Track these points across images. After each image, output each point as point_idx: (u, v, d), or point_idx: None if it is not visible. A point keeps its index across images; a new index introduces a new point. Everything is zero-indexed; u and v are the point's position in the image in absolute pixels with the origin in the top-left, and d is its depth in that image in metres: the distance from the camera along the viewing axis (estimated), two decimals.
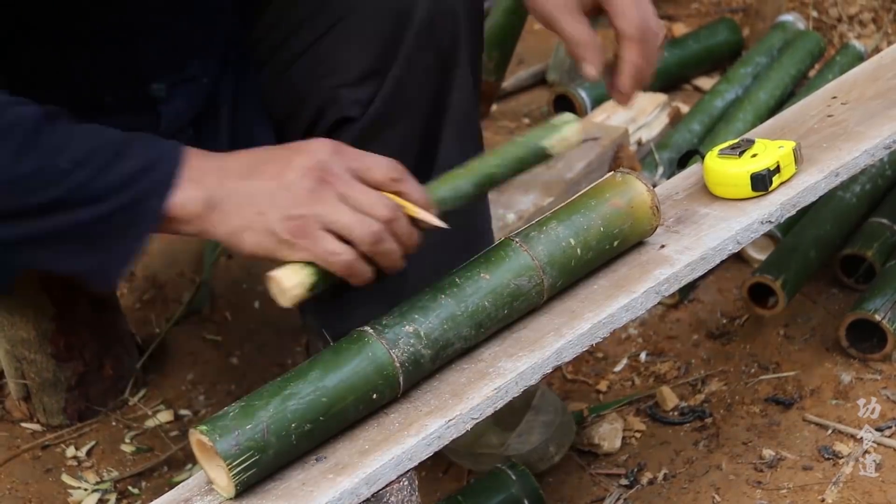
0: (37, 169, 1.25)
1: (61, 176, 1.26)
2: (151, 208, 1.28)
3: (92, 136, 1.29)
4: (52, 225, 1.28)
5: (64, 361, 1.97)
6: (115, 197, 1.27)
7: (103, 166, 1.27)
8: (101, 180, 1.27)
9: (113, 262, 1.32)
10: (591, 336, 1.42)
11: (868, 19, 2.95)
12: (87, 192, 1.27)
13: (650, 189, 1.47)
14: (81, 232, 1.29)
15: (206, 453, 1.25)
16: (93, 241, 1.30)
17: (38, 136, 1.26)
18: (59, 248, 1.31)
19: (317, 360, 1.31)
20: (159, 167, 1.29)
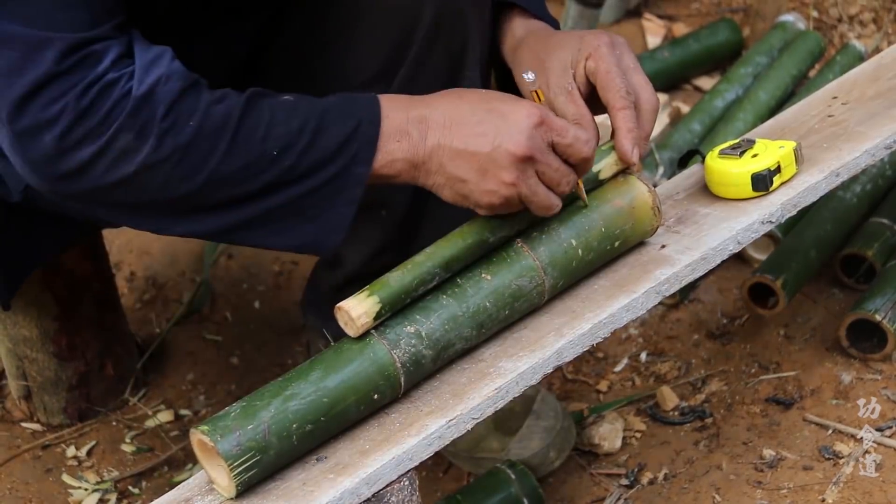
0: (248, 160, 1.34)
1: (270, 163, 1.34)
2: (359, 173, 1.37)
3: (292, 114, 1.36)
4: (266, 206, 1.37)
5: (66, 361, 1.97)
6: (323, 171, 1.36)
7: (308, 145, 1.35)
8: (308, 159, 1.35)
9: (329, 229, 1.39)
10: (591, 336, 1.42)
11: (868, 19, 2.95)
12: (296, 172, 1.35)
13: (651, 189, 1.48)
14: (295, 207, 1.37)
15: (206, 453, 1.25)
16: (306, 215, 1.38)
17: (244, 128, 1.34)
18: (274, 227, 1.39)
19: (318, 360, 1.31)
20: (360, 134, 1.36)
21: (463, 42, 1.59)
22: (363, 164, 1.37)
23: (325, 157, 1.35)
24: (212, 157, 1.33)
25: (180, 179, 1.33)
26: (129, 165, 1.31)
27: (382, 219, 1.70)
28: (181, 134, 1.31)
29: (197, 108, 1.33)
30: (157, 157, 1.31)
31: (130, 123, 1.30)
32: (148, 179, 1.32)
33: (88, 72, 1.29)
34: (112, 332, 2.02)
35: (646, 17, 3.09)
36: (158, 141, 1.30)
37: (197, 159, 1.33)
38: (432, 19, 1.53)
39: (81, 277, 1.93)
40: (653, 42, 3.01)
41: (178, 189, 1.34)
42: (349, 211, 1.38)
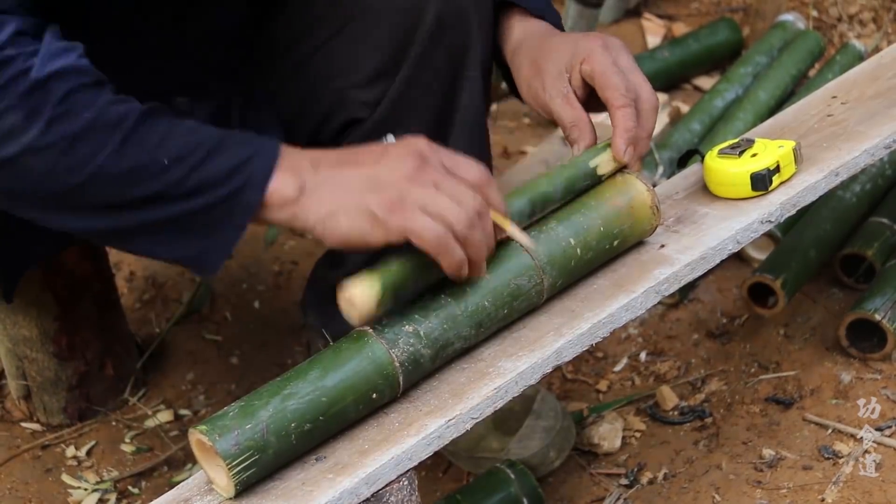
0: (138, 164, 1.30)
1: (161, 171, 1.31)
2: (248, 201, 1.32)
3: (190, 133, 1.33)
4: (152, 216, 1.33)
5: (65, 361, 1.97)
6: (212, 191, 1.32)
7: (201, 162, 1.31)
8: (199, 175, 1.31)
9: (212, 251, 1.36)
10: (590, 336, 1.42)
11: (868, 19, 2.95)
12: (185, 187, 1.31)
13: (650, 189, 1.47)
14: (180, 223, 1.34)
15: (205, 453, 1.25)
16: (192, 232, 1.34)
17: (140, 132, 1.31)
18: (159, 238, 1.36)
19: (317, 359, 1.31)
20: (255, 162, 1.32)
21: (464, 42, 1.59)
22: (254, 190, 1.32)
23: (215, 178, 1.32)
24: (100, 153, 1.29)
25: (65, 170, 1.29)
26: (11, 146, 1.28)
27: None
28: (72, 123, 1.28)
29: (95, 103, 1.30)
30: (43, 143, 1.27)
31: (22, 104, 1.27)
32: (30, 164, 1.29)
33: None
34: (112, 332, 2.02)
35: (645, 17, 3.10)
36: (47, 126, 1.27)
37: (84, 152, 1.29)
38: (434, 18, 1.53)
39: (81, 277, 1.93)
40: (652, 42, 3.01)
41: (60, 181, 1.30)
42: (235, 235, 1.34)
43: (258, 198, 1.32)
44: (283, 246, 2.41)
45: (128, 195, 1.32)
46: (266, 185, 1.32)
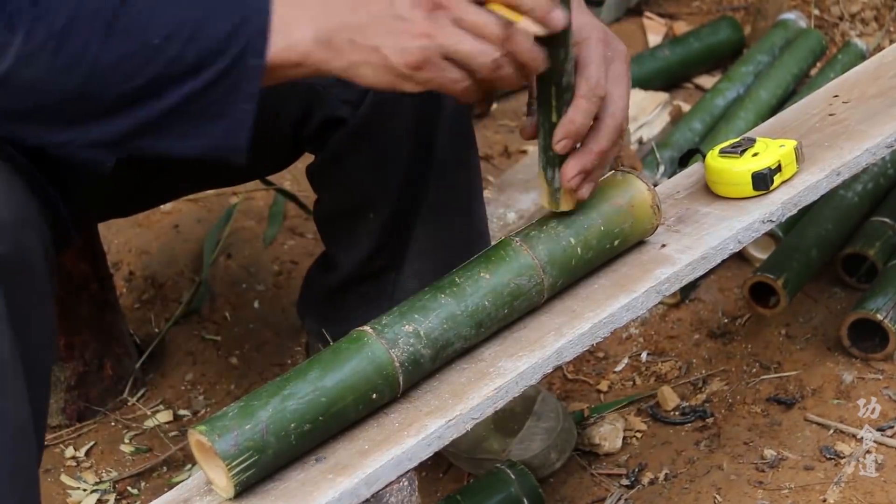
0: (129, 49, 1.25)
1: (154, 52, 1.25)
2: (254, 65, 1.26)
3: (174, 6, 1.26)
4: (162, 105, 1.27)
5: (64, 361, 1.97)
6: (213, 65, 1.25)
7: (193, 35, 1.25)
8: (194, 49, 1.25)
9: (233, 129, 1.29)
10: (591, 336, 1.41)
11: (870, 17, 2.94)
12: (183, 64, 1.25)
13: (651, 188, 1.47)
14: (195, 105, 1.27)
15: (205, 453, 1.25)
16: (207, 112, 1.28)
17: (123, 17, 1.25)
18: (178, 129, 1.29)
19: (316, 359, 1.30)
20: (248, 25, 1.26)
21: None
22: (256, 55, 1.26)
23: (212, 49, 1.25)
24: (90, 45, 1.24)
25: (60, 72, 1.24)
26: (4, 60, 1.23)
27: (371, 221, 1.68)
28: (54, 20, 1.23)
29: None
30: (32, 47, 1.22)
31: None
32: (25, 76, 1.23)
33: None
34: (110, 333, 2.01)
35: (646, 16, 3.09)
36: (29, 29, 1.22)
37: (75, 47, 1.24)
38: None
39: (79, 278, 1.93)
40: (653, 40, 3.01)
41: (61, 84, 1.25)
42: (250, 107, 1.28)
43: (261, 60, 1.26)
44: (282, 246, 2.40)
45: (128, 87, 1.26)
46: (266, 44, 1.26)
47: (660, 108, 2.57)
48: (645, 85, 2.68)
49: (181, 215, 2.45)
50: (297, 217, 2.46)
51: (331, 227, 1.78)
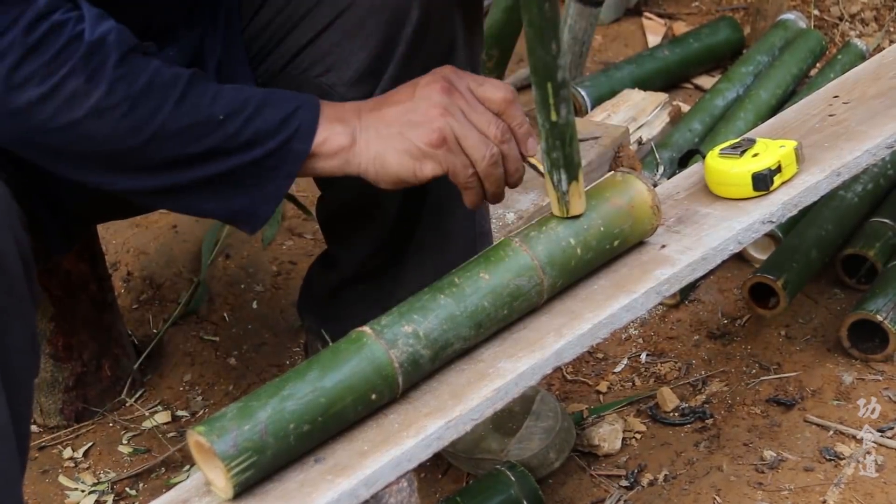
0: (196, 121, 1.36)
1: (216, 126, 1.36)
2: (298, 149, 1.39)
3: (238, 91, 1.40)
4: (208, 172, 1.39)
5: (62, 362, 1.97)
6: (265, 142, 1.38)
7: (252, 115, 1.38)
8: (252, 128, 1.38)
9: (262, 202, 1.42)
10: (591, 336, 1.41)
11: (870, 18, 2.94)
12: (239, 140, 1.38)
13: (651, 189, 1.47)
14: (234, 176, 1.39)
15: (203, 454, 1.25)
16: (244, 184, 1.41)
17: (193, 91, 1.36)
18: (208, 194, 1.41)
19: (315, 360, 1.30)
20: (301, 113, 1.40)
21: (451, 42, 1.58)
22: (303, 141, 1.39)
23: (267, 130, 1.38)
24: (160, 112, 1.33)
25: (127, 131, 1.33)
26: (78, 110, 1.30)
27: (374, 220, 1.69)
28: (133, 84, 1.32)
29: (149, 65, 1.34)
30: (108, 104, 1.31)
31: (82, 66, 1.29)
32: (95, 127, 1.31)
33: (26, 7, 1.27)
34: (109, 333, 2.01)
35: (646, 16, 3.09)
36: (110, 87, 1.30)
37: (146, 111, 1.33)
38: (419, 18, 1.53)
39: (78, 278, 1.93)
40: (653, 41, 3.01)
41: (123, 141, 1.33)
42: (285, 184, 1.41)
43: (307, 147, 1.39)
44: (281, 246, 2.40)
45: (186, 152, 1.36)
46: (314, 133, 1.40)
47: (659, 108, 2.57)
48: (644, 85, 2.67)
49: (180, 216, 2.44)
50: (295, 217, 2.46)
51: (333, 225, 1.78)
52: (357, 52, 1.56)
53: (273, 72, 1.64)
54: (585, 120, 2.49)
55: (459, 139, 1.40)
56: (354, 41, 1.56)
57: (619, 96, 2.62)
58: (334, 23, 1.57)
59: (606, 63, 2.93)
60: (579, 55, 2.70)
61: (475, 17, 1.64)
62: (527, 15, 1.29)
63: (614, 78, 2.71)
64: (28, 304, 1.36)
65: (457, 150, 1.40)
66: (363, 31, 1.55)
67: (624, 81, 2.70)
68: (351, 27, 1.56)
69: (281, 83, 1.63)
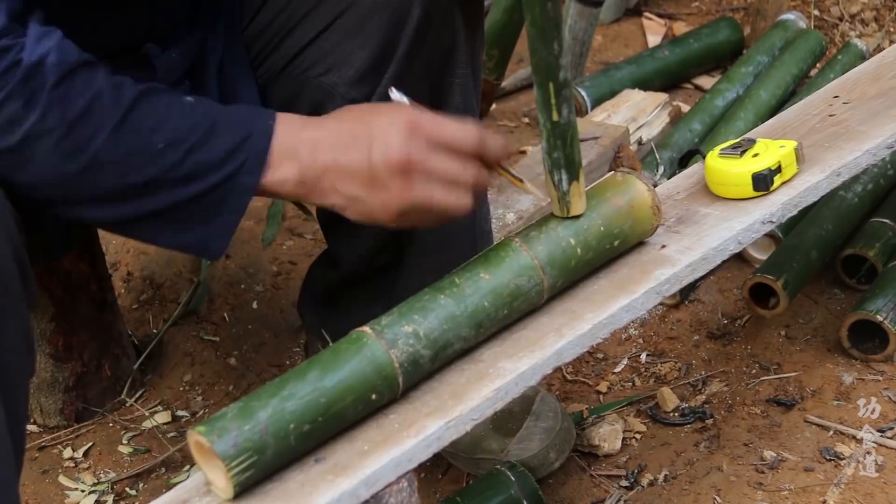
0: (133, 149, 1.32)
1: (156, 155, 1.32)
2: (245, 184, 1.35)
3: (184, 115, 1.34)
4: (151, 205, 1.35)
5: (62, 362, 1.97)
6: (208, 176, 1.34)
7: (195, 146, 1.33)
8: (193, 160, 1.33)
9: (214, 235, 1.38)
10: (591, 337, 1.41)
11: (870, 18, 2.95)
12: (180, 172, 1.33)
13: (651, 189, 1.47)
14: (179, 211, 1.35)
15: (204, 454, 1.25)
16: (191, 219, 1.36)
17: (135, 115, 1.32)
18: (160, 227, 1.38)
19: (315, 360, 1.30)
20: (250, 145, 1.35)
21: (452, 42, 1.58)
22: (250, 174, 1.34)
23: (209, 163, 1.33)
24: (97, 138, 1.30)
25: (63, 156, 1.30)
26: (13, 135, 1.29)
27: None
28: (70, 108, 1.29)
29: (90, 86, 1.31)
30: (42, 128, 1.29)
31: (20, 91, 1.28)
32: (31, 152, 1.30)
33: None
34: (109, 333, 2.01)
35: (646, 16, 3.09)
36: (45, 111, 1.28)
37: (82, 137, 1.30)
38: (419, 18, 1.53)
39: (78, 278, 1.92)
40: (653, 41, 3.01)
41: (59, 168, 1.31)
42: (235, 218, 1.37)
43: (254, 181, 1.35)
44: (281, 246, 2.40)
45: (127, 181, 1.33)
46: (262, 165, 1.35)
47: (659, 108, 2.57)
48: (644, 85, 2.67)
49: None
50: (295, 217, 2.45)
51: (334, 224, 1.78)
52: (358, 51, 1.55)
53: (274, 72, 1.64)
54: (586, 120, 2.49)
55: (427, 207, 1.35)
56: (355, 41, 1.56)
57: (620, 96, 2.62)
58: (335, 22, 1.57)
59: (606, 63, 2.93)
60: (579, 55, 2.70)
61: (476, 16, 1.64)
62: (529, 15, 1.29)
63: (614, 78, 2.71)
64: (22, 305, 1.35)
65: (424, 210, 1.36)
66: (364, 30, 1.55)
67: (624, 81, 2.70)
68: (352, 27, 1.56)
69: (281, 83, 1.63)
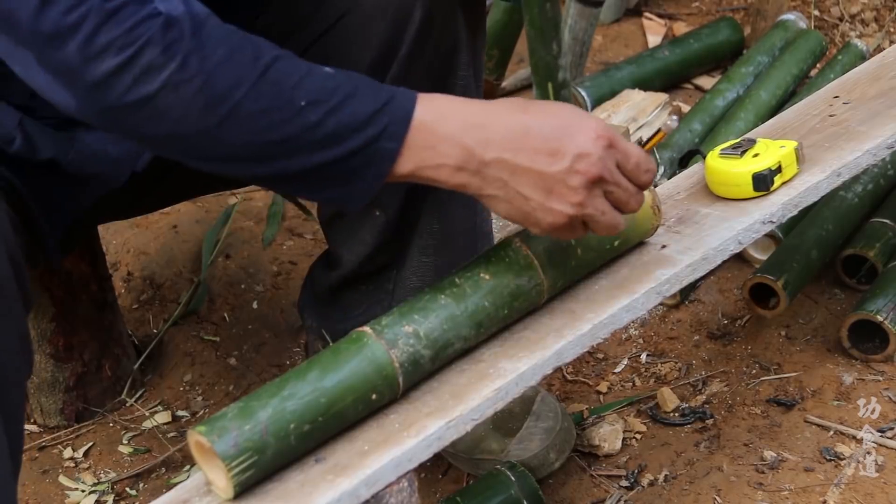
0: (273, 105, 1.26)
1: (296, 113, 1.27)
2: (387, 149, 1.29)
3: (326, 77, 1.29)
4: (289, 167, 1.29)
5: (63, 362, 1.97)
6: (349, 140, 1.28)
7: (336, 107, 1.27)
8: (334, 121, 1.27)
9: (356, 193, 1.32)
10: (591, 337, 1.41)
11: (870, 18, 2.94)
12: (320, 133, 1.27)
13: (651, 189, 1.47)
14: (319, 172, 1.30)
15: (204, 454, 1.25)
16: (333, 178, 1.31)
17: (275, 71, 1.27)
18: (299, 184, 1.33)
19: (315, 360, 1.30)
20: (397, 104, 1.29)
21: (453, 43, 1.58)
22: (393, 139, 1.28)
23: (350, 125, 1.28)
24: (237, 90, 1.25)
25: (202, 108, 1.25)
26: (151, 84, 1.24)
27: (377, 219, 1.69)
28: (209, 57, 1.25)
29: (228, 39, 1.27)
30: (181, 77, 1.24)
31: (159, 38, 1.23)
32: (169, 102, 1.25)
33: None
34: (109, 333, 2.01)
35: (646, 16, 3.09)
36: (185, 59, 1.24)
37: (222, 88, 1.25)
38: (421, 19, 1.53)
39: (78, 278, 1.92)
40: (653, 41, 3.01)
41: (197, 120, 1.26)
42: (375, 184, 1.31)
43: (396, 146, 1.28)
44: (281, 246, 2.40)
45: (263, 139, 1.27)
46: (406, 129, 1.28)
47: (659, 108, 2.57)
48: (645, 85, 2.67)
49: (180, 216, 2.44)
50: (295, 217, 2.45)
51: (335, 224, 1.78)
52: (360, 53, 1.55)
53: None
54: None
55: (589, 219, 1.32)
56: (357, 42, 1.55)
57: (620, 96, 2.62)
58: (337, 24, 1.57)
59: (607, 63, 2.93)
60: (579, 55, 2.69)
61: (478, 17, 1.64)
62: (528, 15, 1.29)
63: (614, 78, 2.71)
64: (18, 305, 1.34)
65: (585, 225, 1.33)
66: (366, 32, 1.54)
67: (624, 82, 2.70)
68: (354, 28, 1.55)
69: None
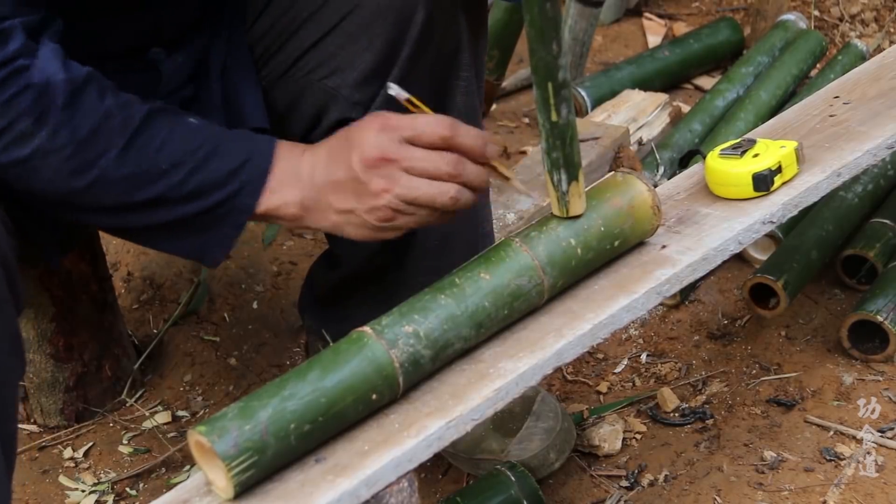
0: (139, 169, 1.39)
1: (160, 175, 1.39)
2: (245, 204, 1.42)
3: (189, 136, 1.41)
4: (154, 219, 1.42)
5: (63, 362, 1.97)
6: (209, 195, 1.41)
7: (198, 166, 1.40)
8: (196, 179, 1.40)
9: (213, 247, 1.46)
10: (591, 337, 1.41)
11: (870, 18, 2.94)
12: (183, 191, 1.40)
13: (651, 189, 1.47)
14: (180, 224, 1.43)
15: (204, 454, 1.25)
16: (192, 231, 1.44)
17: (140, 137, 1.38)
18: (161, 237, 1.46)
19: (316, 360, 1.30)
20: (251, 167, 1.41)
21: (455, 44, 1.58)
22: (250, 195, 1.41)
23: (212, 182, 1.40)
24: (104, 158, 1.37)
25: (70, 173, 1.37)
26: (23, 149, 1.35)
27: None
28: (78, 128, 1.35)
29: (99, 106, 1.36)
30: (52, 145, 1.35)
31: (31, 109, 1.33)
32: (40, 166, 1.36)
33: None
34: (109, 334, 2.01)
35: (646, 16, 3.09)
36: (54, 129, 1.34)
37: (89, 156, 1.36)
38: (423, 21, 1.53)
39: (79, 278, 1.92)
40: (653, 41, 3.01)
41: (67, 183, 1.37)
42: (234, 233, 1.44)
43: (254, 201, 1.42)
44: (281, 246, 2.40)
45: (129, 199, 1.40)
46: (262, 189, 1.41)
47: (659, 108, 2.57)
48: (645, 86, 2.67)
49: None
50: None
51: None
52: (362, 54, 1.55)
53: (277, 74, 1.64)
54: (586, 120, 2.49)
55: (409, 200, 1.39)
56: (359, 43, 1.56)
57: (620, 97, 2.62)
58: (339, 25, 1.57)
59: (606, 63, 2.93)
60: (579, 55, 2.70)
61: (479, 19, 1.64)
62: (528, 15, 1.29)
63: (614, 78, 2.71)
64: (9, 307, 1.39)
65: (412, 209, 1.40)
66: (368, 33, 1.55)
67: (624, 82, 2.70)
68: (356, 29, 1.56)
69: (285, 86, 1.63)
